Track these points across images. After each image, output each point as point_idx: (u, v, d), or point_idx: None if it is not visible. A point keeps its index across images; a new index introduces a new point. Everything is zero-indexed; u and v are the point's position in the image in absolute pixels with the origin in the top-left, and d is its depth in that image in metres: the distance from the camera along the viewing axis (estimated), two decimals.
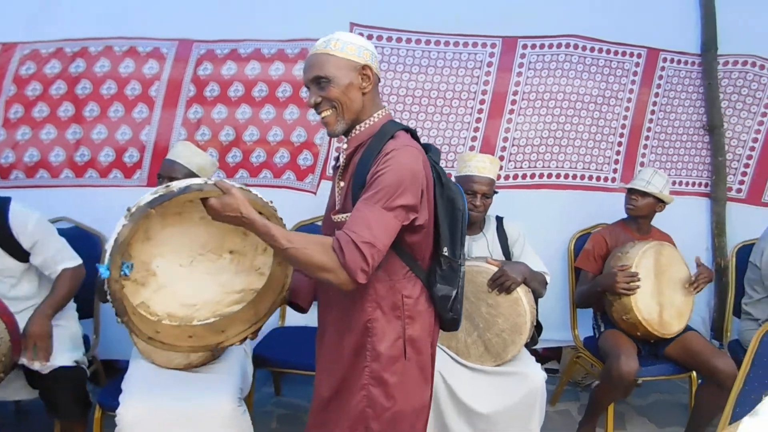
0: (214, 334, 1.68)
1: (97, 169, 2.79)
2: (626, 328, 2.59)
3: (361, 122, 1.59)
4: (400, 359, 1.59)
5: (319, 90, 1.55)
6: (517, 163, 3.15)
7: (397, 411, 1.60)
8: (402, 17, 2.91)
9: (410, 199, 1.49)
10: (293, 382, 3.11)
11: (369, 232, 1.43)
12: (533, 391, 2.29)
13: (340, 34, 1.57)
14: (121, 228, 1.40)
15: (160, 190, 1.43)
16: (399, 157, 1.49)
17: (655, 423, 2.92)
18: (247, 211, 1.41)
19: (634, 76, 3.20)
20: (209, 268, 1.67)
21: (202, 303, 1.68)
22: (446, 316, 1.66)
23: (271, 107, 2.88)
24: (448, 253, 1.62)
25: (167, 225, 1.54)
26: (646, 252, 2.58)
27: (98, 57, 2.71)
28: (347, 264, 1.41)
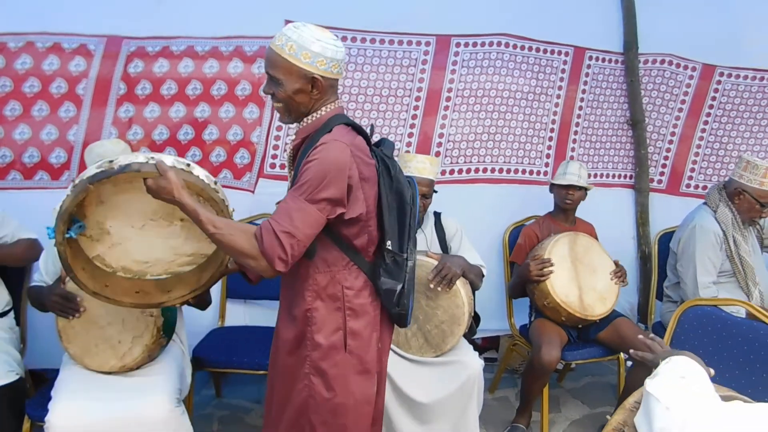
0: (161, 293, 1.81)
1: (20, 171, 2.65)
2: (550, 314, 2.70)
3: (310, 115, 1.61)
4: (340, 351, 1.59)
5: (272, 84, 1.58)
6: (453, 158, 3.21)
7: (339, 403, 1.60)
8: (337, 15, 2.90)
9: (335, 193, 1.49)
10: (234, 382, 3.06)
11: (290, 222, 1.46)
12: (471, 379, 2.35)
13: (299, 35, 1.53)
14: (65, 197, 1.57)
15: (104, 164, 1.55)
16: (325, 152, 1.50)
17: (587, 404, 3.05)
18: (178, 194, 1.49)
19: (563, 73, 3.32)
20: (160, 233, 1.79)
21: (154, 261, 1.81)
22: (392, 310, 1.65)
23: (206, 105, 2.81)
24: (392, 246, 1.61)
25: (120, 192, 1.66)
26: (558, 241, 2.72)
27: (19, 53, 2.56)
28: (265, 251, 1.45)
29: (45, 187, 2.68)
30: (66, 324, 2.05)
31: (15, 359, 2.19)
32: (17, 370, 2.14)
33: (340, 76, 1.63)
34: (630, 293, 3.37)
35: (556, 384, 3.21)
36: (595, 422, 2.86)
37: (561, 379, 3.25)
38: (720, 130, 3.51)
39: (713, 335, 1.86)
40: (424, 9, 3.02)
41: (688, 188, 3.57)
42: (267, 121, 2.90)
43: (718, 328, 1.86)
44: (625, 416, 1.46)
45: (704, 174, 3.57)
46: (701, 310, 1.93)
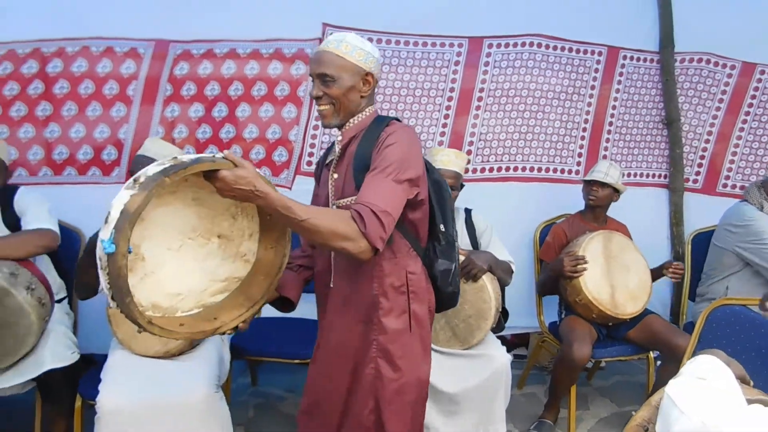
0: (206, 321, 1.57)
1: (75, 167, 2.80)
2: (582, 311, 2.69)
3: (354, 116, 1.67)
4: (405, 333, 1.65)
5: (322, 85, 1.62)
6: (484, 157, 3.22)
7: (404, 382, 1.66)
8: (373, 18, 2.96)
9: (414, 173, 1.57)
10: (269, 371, 3.14)
11: (384, 202, 1.48)
12: (498, 372, 2.36)
13: (352, 37, 1.64)
14: (130, 197, 1.22)
15: (168, 161, 1.30)
16: (403, 135, 1.59)
17: (616, 403, 3.02)
18: (260, 184, 1.35)
19: (596, 73, 3.28)
20: (197, 253, 1.57)
21: (187, 291, 1.57)
22: (447, 289, 1.73)
23: (246, 105, 2.91)
24: (444, 228, 1.70)
25: (160, 204, 1.41)
26: (593, 239, 2.70)
27: (75, 57, 2.71)
28: (368, 232, 1.44)
29: (97, 182, 2.82)
30: (115, 310, 2.15)
31: (73, 342, 2.32)
32: (76, 352, 2.27)
33: (380, 78, 1.77)
34: (663, 293, 3.31)
35: (585, 382, 3.19)
36: (623, 421, 2.82)
37: (590, 377, 3.22)
38: (760, 129, 3.42)
39: (741, 334, 1.83)
40: (457, 11, 3.05)
41: (725, 188, 3.49)
42: (304, 120, 2.98)
43: (746, 327, 1.83)
44: (650, 413, 1.45)
45: (742, 173, 3.47)
46: (730, 309, 1.90)
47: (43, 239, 2.24)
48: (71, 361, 2.21)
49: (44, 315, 2.13)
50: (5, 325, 2.06)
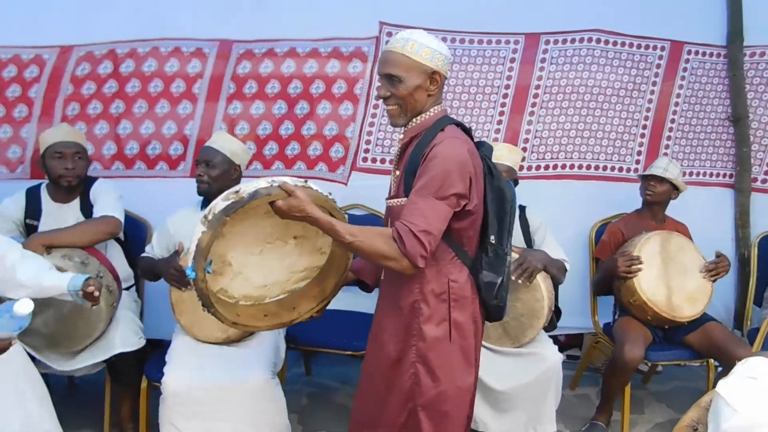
0: (287, 311, 1.83)
1: (144, 162, 2.94)
2: (636, 312, 2.61)
3: (419, 116, 1.66)
4: (445, 341, 1.64)
5: (389, 85, 1.62)
6: (540, 154, 3.17)
7: (442, 391, 1.65)
8: (430, 16, 2.95)
9: (460, 188, 1.55)
10: (321, 363, 3.20)
11: (425, 220, 1.51)
12: (549, 371, 2.34)
13: (419, 35, 1.62)
14: (201, 235, 1.54)
15: (231, 196, 1.54)
16: (444, 150, 1.56)
17: (673, 409, 2.91)
18: (311, 209, 1.51)
19: (657, 68, 3.17)
20: (276, 254, 1.80)
21: (272, 283, 1.82)
22: (491, 302, 1.69)
23: (305, 103, 2.97)
24: (494, 240, 1.66)
25: (237, 222, 1.63)
26: (650, 239, 2.61)
27: (146, 57, 2.85)
28: (408, 252, 1.50)
29: (164, 176, 2.95)
30: (178, 298, 2.26)
31: (140, 327, 2.45)
32: (142, 337, 2.40)
33: (448, 76, 1.71)
34: (726, 297, 3.17)
35: (641, 385, 3.09)
36: None
37: (646, 380, 3.12)
38: None
39: None
40: (514, 8, 3.01)
41: None
42: (360, 117, 3.01)
43: None
44: (699, 414, 1.43)
45: None
46: None
47: (106, 226, 2.37)
48: (138, 346, 2.33)
49: (112, 301, 2.26)
50: (77, 311, 2.20)
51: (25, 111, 2.83)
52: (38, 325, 2.20)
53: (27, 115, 2.83)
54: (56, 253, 2.22)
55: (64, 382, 2.85)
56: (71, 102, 2.84)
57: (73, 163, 2.40)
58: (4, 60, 2.77)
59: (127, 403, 2.46)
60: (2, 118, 2.83)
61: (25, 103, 2.83)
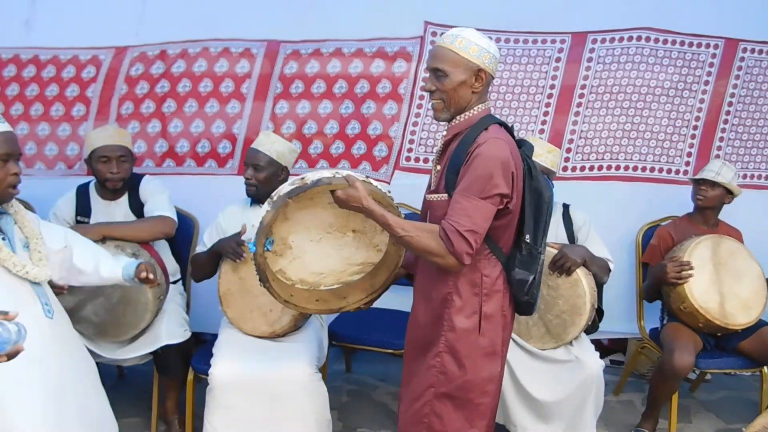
0: (337, 299, 1.93)
1: (194, 159, 3.00)
2: (687, 318, 2.51)
3: (463, 113, 1.67)
4: (474, 333, 1.67)
5: (435, 79, 1.65)
6: (585, 155, 3.08)
7: (468, 380, 1.69)
8: (473, 16, 2.88)
9: (503, 187, 1.58)
10: (362, 360, 3.20)
11: (470, 220, 1.56)
12: (589, 379, 2.27)
13: (468, 32, 1.64)
14: (265, 213, 1.67)
15: (297, 181, 1.65)
16: (488, 150, 1.59)
17: (722, 419, 2.79)
18: (367, 203, 1.60)
19: (710, 67, 3.04)
20: (334, 244, 1.89)
21: (328, 272, 1.92)
22: (522, 299, 1.72)
23: (350, 102, 2.98)
24: (529, 239, 1.68)
25: (301, 208, 1.76)
26: (700, 243, 2.50)
27: (196, 58, 2.90)
28: (455, 251, 1.56)
29: (213, 173, 3.00)
30: (226, 291, 2.29)
31: (186, 320, 2.51)
32: (188, 330, 2.45)
33: (495, 75, 1.72)
34: None
35: (688, 394, 2.98)
36: None
37: (694, 389, 3.01)
38: None
39: None
40: (560, 7, 2.93)
41: None
42: (404, 117, 3.00)
43: None
44: None
45: None
46: None
47: (164, 226, 2.44)
48: (184, 339, 2.38)
49: (159, 294, 2.31)
50: (125, 301, 2.26)
51: (83, 110, 2.93)
52: (88, 314, 2.28)
53: (84, 114, 2.93)
54: (110, 244, 2.28)
55: (113, 371, 2.92)
56: (125, 101, 2.92)
57: (118, 167, 2.45)
58: (64, 61, 2.88)
59: (172, 394, 2.51)
60: (62, 117, 2.93)
61: (83, 102, 2.93)
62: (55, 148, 2.94)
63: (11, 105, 2.89)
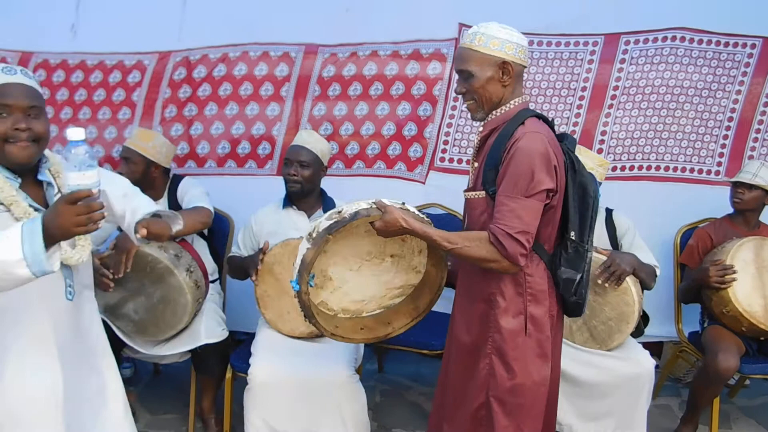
0: (382, 325, 1.65)
1: (235, 160, 2.65)
2: (729, 322, 2.09)
3: (498, 108, 1.44)
4: (520, 334, 1.42)
5: (463, 81, 1.43)
6: (617, 155, 2.64)
7: (517, 384, 1.43)
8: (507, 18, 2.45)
9: (548, 182, 1.35)
10: (394, 360, 2.80)
11: (519, 221, 1.33)
12: (642, 376, 1.91)
13: (486, 27, 1.42)
14: (305, 251, 1.43)
15: (334, 216, 1.42)
16: (526, 145, 1.34)
17: (764, 425, 2.35)
18: (407, 223, 1.39)
19: (746, 67, 2.57)
20: (374, 270, 1.64)
21: (369, 298, 1.65)
22: (569, 299, 1.45)
23: (385, 104, 2.59)
24: (575, 237, 1.42)
25: (339, 240, 1.50)
26: (742, 245, 2.08)
27: (236, 62, 2.54)
28: (509, 254, 1.34)
29: (253, 174, 2.65)
30: (263, 293, 1.99)
31: (223, 319, 2.18)
32: (225, 329, 2.13)
33: (527, 63, 1.45)
34: None
35: (727, 399, 2.53)
36: None
37: (733, 394, 2.55)
38: None
39: None
40: (593, 9, 2.49)
41: None
42: (439, 118, 2.60)
43: None
44: None
45: None
46: None
47: (202, 216, 2.09)
48: (222, 338, 2.06)
49: (198, 297, 1.99)
50: (165, 301, 1.95)
51: (128, 113, 2.60)
52: (129, 311, 1.98)
53: (130, 117, 2.60)
54: (153, 244, 1.96)
55: (149, 368, 2.63)
56: (169, 104, 2.58)
57: (127, 168, 2.14)
58: (110, 66, 2.55)
59: (209, 393, 2.18)
60: (108, 120, 2.61)
61: (129, 106, 2.59)
62: (102, 150, 2.61)
63: (61, 109, 2.57)
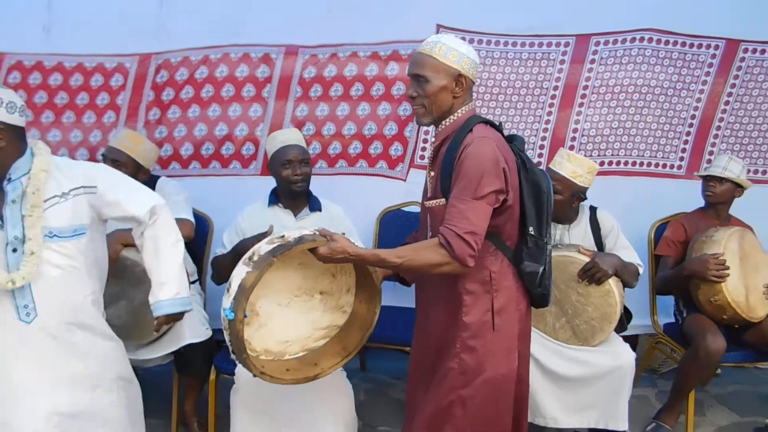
0: (309, 366, 1.41)
1: (219, 161, 2.38)
2: (712, 311, 1.89)
3: (448, 117, 1.33)
4: (489, 330, 1.32)
5: (416, 85, 1.31)
6: (587, 151, 2.43)
7: (488, 377, 1.32)
8: (485, 20, 2.28)
9: (496, 184, 1.25)
10: (377, 358, 2.52)
11: (468, 222, 1.22)
12: (624, 368, 1.72)
13: (448, 39, 1.31)
14: (246, 274, 1.20)
15: (276, 240, 1.24)
16: (475, 150, 1.25)
17: (736, 412, 2.17)
18: (354, 250, 1.27)
19: (709, 67, 2.38)
20: (302, 307, 1.43)
21: (294, 338, 1.42)
22: (535, 291, 1.37)
23: (366, 104, 2.33)
24: (533, 231, 1.34)
25: (272, 270, 1.28)
26: (732, 236, 1.90)
27: (218, 63, 2.25)
28: (457, 255, 1.22)
29: (238, 174, 2.37)
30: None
31: (206, 318, 1.91)
32: (209, 328, 1.87)
33: (476, 79, 1.38)
34: None
35: (700, 388, 2.29)
36: (744, 431, 2.01)
37: (706, 383, 2.29)
38: None
39: None
40: (566, 10, 2.27)
41: None
42: None
43: None
44: None
45: None
46: None
47: (183, 229, 1.78)
48: (206, 337, 1.81)
49: None
50: (147, 303, 1.64)
51: (113, 117, 2.30)
52: (111, 317, 1.68)
53: (114, 121, 2.29)
54: (132, 250, 1.69)
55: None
56: (152, 108, 2.28)
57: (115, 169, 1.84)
58: (89, 68, 2.23)
59: (191, 396, 1.92)
60: (93, 124, 2.31)
61: (113, 109, 2.29)
62: (86, 153, 2.31)
63: (41, 112, 2.26)
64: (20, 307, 1.19)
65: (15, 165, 1.25)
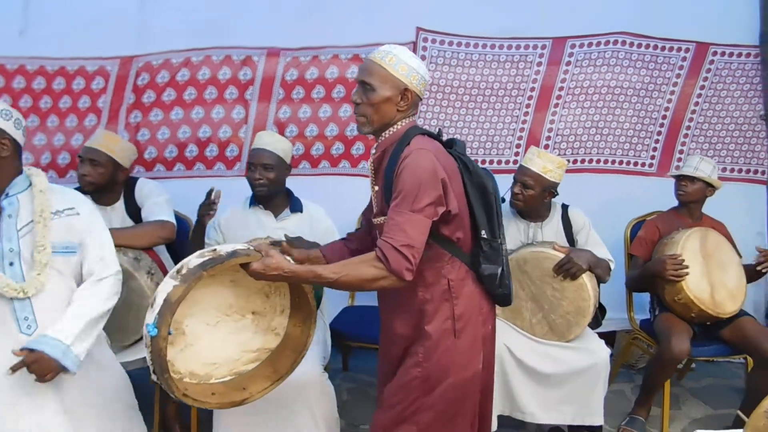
0: (236, 391, 1.26)
1: (204, 163, 2.27)
2: (680, 309, 1.83)
3: (388, 129, 1.23)
4: (450, 337, 1.24)
5: (362, 92, 1.21)
6: (561, 150, 2.36)
7: (451, 383, 1.24)
8: (464, 23, 2.19)
9: (433, 196, 1.15)
10: (359, 358, 2.40)
11: (404, 235, 1.13)
12: (599, 364, 1.65)
13: (400, 51, 1.21)
14: (172, 288, 1.07)
15: (207, 254, 1.12)
16: (412, 163, 1.15)
17: (710, 405, 2.10)
18: (288, 267, 1.15)
19: (680, 69, 2.32)
20: (231, 327, 1.28)
21: (222, 361, 1.26)
22: (496, 292, 1.29)
23: (347, 106, 2.22)
24: (486, 235, 1.26)
25: (201, 286, 1.15)
26: (690, 236, 1.83)
27: (200, 66, 2.12)
28: (393, 268, 1.13)
29: (222, 175, 2.25)
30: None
31: None
32: None
33: (423, 96, 1.27)
34: (755, 292, 2.30)
35: (676, 382, 2.25)
36: (718, 423, 1.94)
37: (681, 377, 2.28)
38: None
39: None
40: (544, 13, 2.19)
41: None
42: None
43: None
44: None
45: None
46: None
47: (163, 231, 1.70)
48: None
49: None
50: (128, 305, 1.56)
51: (94, 120, 2.16)
52: None
53: (96, 124, 2.15)
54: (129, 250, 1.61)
55: None
56: (134, 110, 2.15)
57: (86, 170, 1.71)
58: (71, 72, 2.10)
59: (173, 401, 1.82)
60: (75, 128, 2.17)
61: (95, 112, 2.15)
62: (68, 156, 2.17)
63: (27, 117, 2.09)
64: (21, 319, 1.16)
65: (13, 182, 1.25)
